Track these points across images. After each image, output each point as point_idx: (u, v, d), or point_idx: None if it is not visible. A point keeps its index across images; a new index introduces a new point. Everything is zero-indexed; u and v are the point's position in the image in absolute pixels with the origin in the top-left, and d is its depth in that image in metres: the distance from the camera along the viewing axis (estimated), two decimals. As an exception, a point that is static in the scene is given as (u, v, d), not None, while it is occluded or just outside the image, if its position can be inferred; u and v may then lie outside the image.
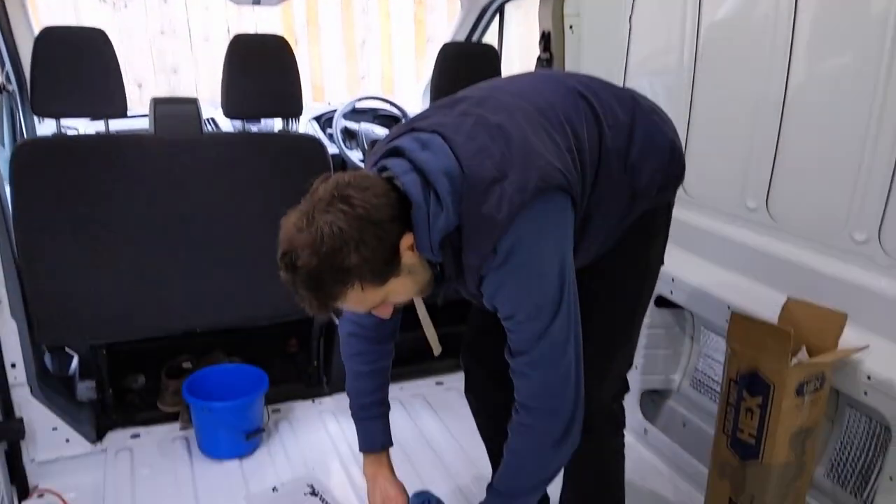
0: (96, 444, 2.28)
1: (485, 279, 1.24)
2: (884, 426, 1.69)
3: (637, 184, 1.37)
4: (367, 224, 1.14)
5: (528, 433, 1.32)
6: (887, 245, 1.64)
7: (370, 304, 1.24)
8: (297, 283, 1.16)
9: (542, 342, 1.24)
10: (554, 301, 1.23)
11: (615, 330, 1.48)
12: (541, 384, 1.28)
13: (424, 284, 1.30)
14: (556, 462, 1.34)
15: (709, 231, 2.11)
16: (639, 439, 2.36)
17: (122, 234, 2.17)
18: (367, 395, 1.60)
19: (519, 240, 1.19)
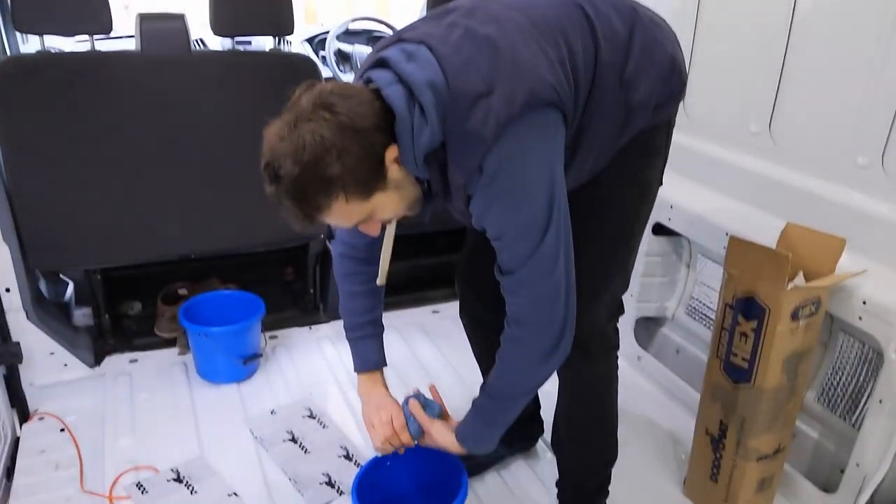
0: (94, 369, 2.30)
1: (472, 199, 1.21)
2: (876, 351, 1.70)
3: (632, 99, 1.32)
4: (351, 132, 1.11)
5: (517, 345, 1.32)
6: (890, 169, 1.62)
7: (356, 218, 1.21)
8: (280, 195, 1.13)
9: (531, 262, 1.23)
10: (543, 220, 1.21)
11: (612, 251, 1.46)
12: (530, 302, 1.27)
13: (412, 201, 1.27)
14: (542, 374, 1.34)
15: (709, 156, 2.08)
16: (632, 366, 2.39)
17: (110, 156, 2.13)
18: (359, 315, 1.59)
19: (506, 158, 1.16)
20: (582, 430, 1.64)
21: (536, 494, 1.84)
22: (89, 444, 1.97)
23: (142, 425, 2.06)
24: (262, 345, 2.39)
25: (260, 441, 1.99)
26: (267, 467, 1.90)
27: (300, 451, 1.96)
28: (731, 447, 1.71)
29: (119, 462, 1.90)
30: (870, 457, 1.60)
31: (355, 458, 1.94)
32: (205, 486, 1.81)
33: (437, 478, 1.53)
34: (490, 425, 1.43)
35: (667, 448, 2.05)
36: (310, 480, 1.85)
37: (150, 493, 1.78)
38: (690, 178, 2.14)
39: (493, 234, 1.24)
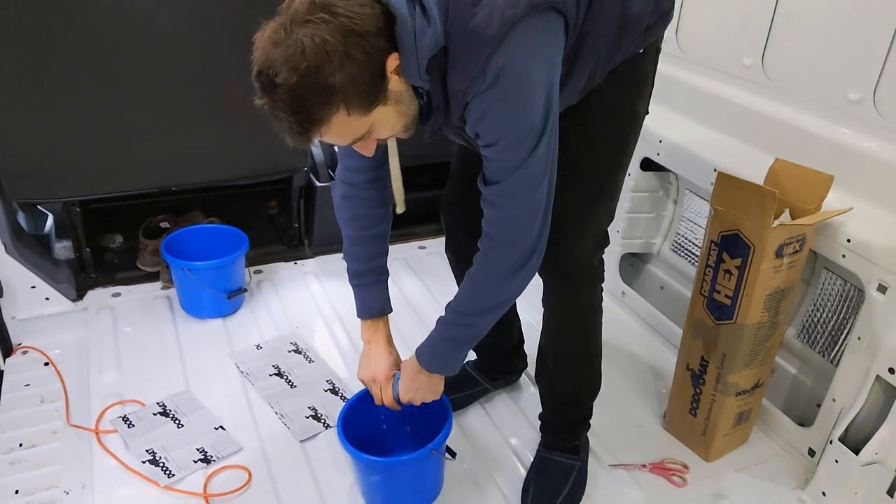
0: (77, 303, 2.28)
1: (470, 104, 1.17)
2: (858, 289, 1.71)
3: (628, 13, 1.27)
4: (353, 36, 1.04)
5: (486, 261, 1.31)
6: (881, 105, 1.60)
7: (354, 133, 1.15)
8: (275, 106, 1.07)
9: (519, 173, 1.20)
10: (538, 130, 1.17)
11: (600, 181, 1.44)
12: (508, 214, 1.25)
13: (411, 119, 1.22)
14: (507, 291, 1.33)
15: (700, 89, 2.05)
16: (616, 301, 2.41)
17: (88, 85, 2.06)
18: (361, 262, 1.56)
19: (510, 60, 1.10)
20: (567, 361, 1.65)
21: (519, 427, 1.87)
22: (74, 378, 1.98)
23: (126, 360, 2.06)
24: (247, 280, 2.38)
25: (246, 375, 2.01)
26: (253, 401, 1.92)
27: (286, 386, 1.97)
28: (711, 382, 1.73)
29: (104, 396, 1.90)
30: (846, 392, 1.63)
31: (341, 391, 1.96)
32: (191, 419, 1.83)
33: (422, 411, 1.55)
34: (451, 343, 1.42)
35: (648, 382, 2.08)
36: (296, 414, 1.86)
37: (136, 427, 1.79)
38: (681, 112, 2.11)
39: (486, 140, 1.20)
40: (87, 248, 2.39)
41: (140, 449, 1.73)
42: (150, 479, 1.65)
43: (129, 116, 2.16)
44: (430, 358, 1.46)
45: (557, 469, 1.67)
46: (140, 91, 2.14)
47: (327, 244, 2.69)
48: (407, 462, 1.52)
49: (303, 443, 1.79)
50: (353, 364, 2.05)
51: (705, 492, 1.72)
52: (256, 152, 2.38)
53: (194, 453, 1.72)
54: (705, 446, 1.80)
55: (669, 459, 1.79)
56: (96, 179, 2.23)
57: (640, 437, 1.88)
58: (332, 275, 2.55)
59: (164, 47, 2.12)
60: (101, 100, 2.11)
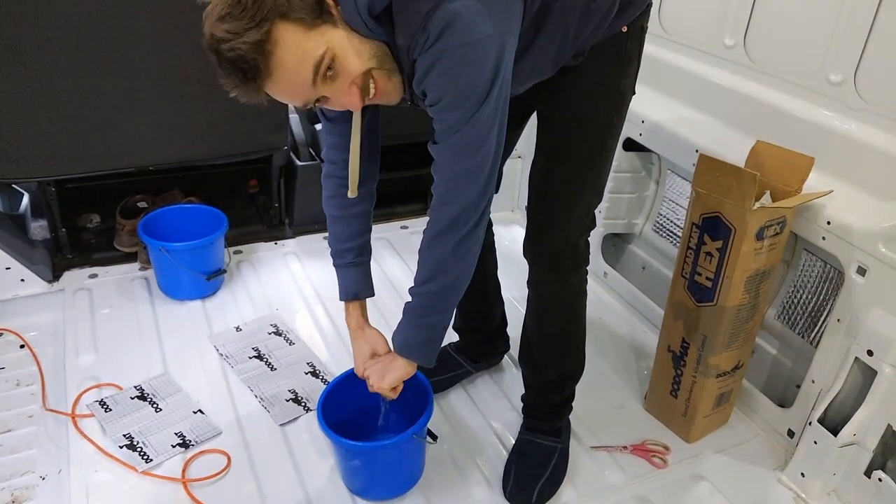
0: (53, 284, 2.25)
1: (416, 62, 1.14)
2: (837, 270, 1.72)
3: None
4: None
5: (428, 227, 1.29)
6: (861, 87, 1.59)
7: (310, 58, 1.09)
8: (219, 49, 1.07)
9: (458, 135, 1.17)
10: (482, 91, 1.13)
11: (587, 163, 1.42)
12: (446, 176, 1.23)
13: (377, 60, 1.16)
14: (450, 259, 1.29)
15: (682, 70, 2.04)
16: (598, 282, 2.40)
17: (60, 63, 2.01)
18: (341, 242, 1.54)
19: (455, 16, 1.06)
20: (552, 343, 1.64)
21: (502, 409, 1.87)
22: (50, 361, 1.95)
23: (103, 342, 2.03)
24: (226, 260, 2.35)
25: (225, 358, 1.99)
26: (233, 384, 1.90)
27: (266, 368, 1.95)
28: (692, 364, 1.74)
29: (81, 379, 1.88)
30: (825, 374, 1.64)
31: (322, 374, 1.94)
32: (169, 403, 1.81)
33: (404, 395, 1.54)
34: (417, 326, 1.39)
35: (629, 363, 2.09)
36: (276, 397, 1.85)
37: (113, 411, 1.77)
38: (663, 92, 2.10)
39: (430, 99, 1.17)
40: (62, 229, 2.34)
41: (117, 433, 1.71)
42: (127, 464, 1.63)
43: (104, 95, 2.11)
44: (402, 344, 1.43)
45: (539, 451, 1.67)
46: (116, 69, 2.09)
47: (308, 224, 2.66)
48: (388, 446, 1.51)
49: (283, 426, 1.77)
50: (335, 346, 2.07)
51: (686, 473, 1.73)
52: (235, 131, 2.34)
53: (172, 438, 1.70)
54: (686, 427, 1.81)
55: (650, 441, 1.80)
56: (72, 159, 2.18)
57: (621, 419, 1.88)
58: (313, 255, 2.53)
59: (139, 25, 2.07)
60: (76, 78, 2.06)
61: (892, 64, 1.53)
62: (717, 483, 1.70)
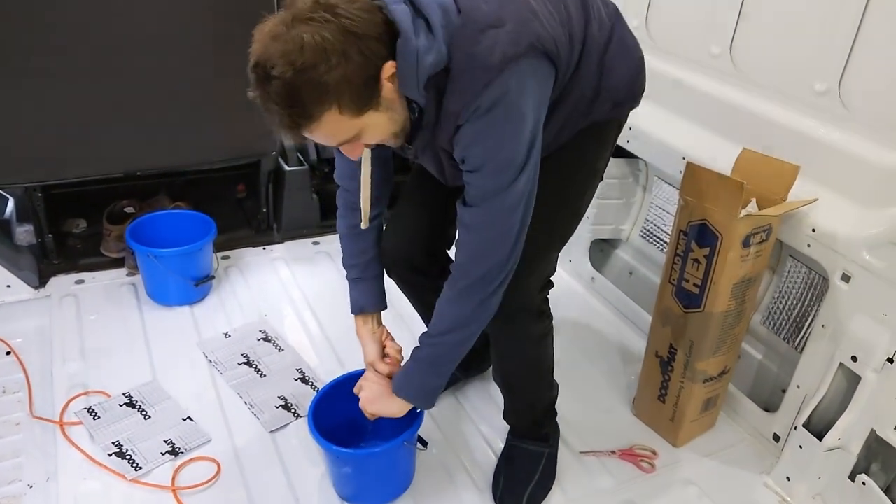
0: (39, 290, 2.24)
1: (462, 128, 1.20)
2: (822, 277, 1.74)
3: (604, 83, 1.38)
4: (353, 37, 1.06)
5: (454, 282, 1.33)
6: (845, 97, 1.61)
7: (343, 135, 1.16)
8: (268, 99, 1.08)
9: (496, 199, 1.24)
10: (521, 162, 1.22)
11: (554, 225, 1.47)
12: (480, 237, 1.29)
13: (400, 128, 1.24)
14: (473, 313, 1.34)
15: (670, 77, 2.05)
16: (586, 287, 2.42)
17: (48, 67, 2.01)
18: (349, 258, 1.59)
19: (506, 92, 1.16)
20: (515, 381, 1.65)
21: (491, 415, 1.88)
22: (37, 367, 1.94)
23: (91, 349, 2.02)
24: (215, 266, 2.35)
25: (214, 364, 1.98)
26: (222, 391, 1.90)
27: (255, 375, 1.95)
28: (679, 369, 1.75)
29: (69, 386, 1.87)
30: (810, 379, 1.66)
31: (311, 380, 1.94)
32: (158, 410, 1.80)
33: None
34: (425, 373, 1.43)
35: (617, 368, 2.10)
36: (265, 404, 1.85)
37: (102, 419, 1.76)
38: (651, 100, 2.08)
39: (471, 165, 1.24)
40: (49, 234, 2.33)
41: (106, 441, 1.70)
42: (116, 472, 1.63)
43: (92, 100, 2.10)
44: (406, 388, 1.45)
45: (526, 457, 1.68)
46: (104, 75, 2.09)
47: (296, 229, 2.66)
48: (379, 454, 1.52)
49: (273, 433, 1.77)
50: (324, 352, 2.07)
51: (673, 477, 1.74)
52: (224, 136, 2.34)
53: (162, 445, 1.70)
54: (673, 432, 1.82)
55: (638, 445, 1.82)
56: (59, 164, 2.17)
57: (609, 423, 1.90)
58: (302, 260, 2.53)
59: (128, 30, 2.07)
60: (63, 83, 2.05)
61: (875, 74, 1.55)
62: (704, 487, 1.72)
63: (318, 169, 2.68)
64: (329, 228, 2.70)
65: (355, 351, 1.61)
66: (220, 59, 2.16)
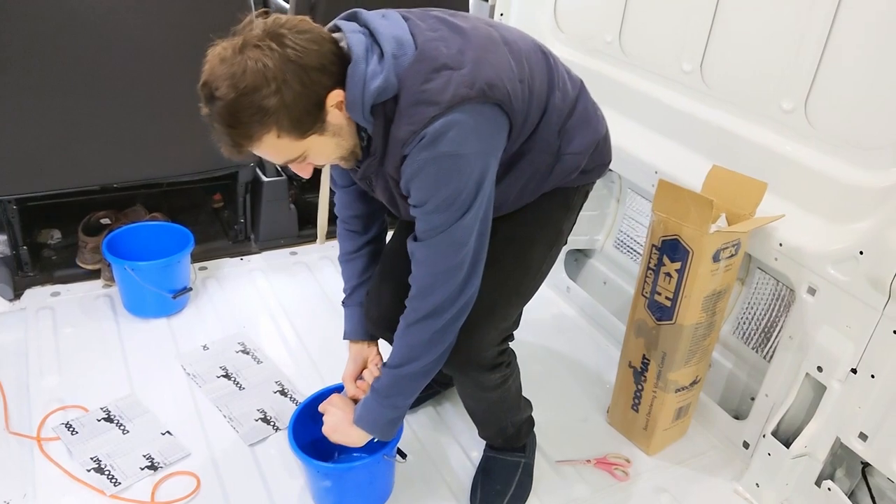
0: (14, 303, 2.22)
1: (407, 158, 1.23)
2: (789, 289, 1.79)
3: (564, 150, 1.41)
4: (295, 67, 1.12)
5: (406, 315, 1.36)
6: (811, 116, 1.66)
7: (286, 155, 1.22)
8: (213, 117, 1.14)
9: (442, 236, 1.26)
10: (466, 201, 1.24)
11: (517, 281, 1.49)
12: (428, 271, 1.32)
13: (347, 152, 1.28)
14: (426, 348, 1.36)
15: (642, 92, 2.10)
16: (561, 296, 2.46)
17: (22, 80, 2.00)
18: (346, 281, 1.64)
19: (453, 126, 1.18)
20: (477, 417, 1.69)
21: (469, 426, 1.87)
22: (13, 382, 1.92)
23: (68, 362, 2.01)
24: (192, 278, 2.35)
25: (192, 377, 1.99)
26: (200, 404, 1.90)
27: (234, 388, 1.96)
28: (652, 380, 1.79)
29: (46, 401, 1.86)
30: (778, 388, 1.71)
31: (290, 393, 1.96)
32: (137, 424, 1.81)
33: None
34: (382, 405, 1.44)
35: (592, 377, 2.14)
36: (245, 417, 1.86)
37: (80, 434, 1.76)
38: (624, 114, 2.15)
39: (415, 199, 1.27)
40: (24, 246, 2.32)
41: (84, 457, 1.70)
42: (95, 487, 1.63)
43: (68, 113, 2.10)
44: (366, 419, 1.47)
45: (503, 468, 1.71)
46: (80, 87, 2.08)
47: (274, 239, 2.67)
48: (358, 468, 1.54)
49: (252, 446, 1.78)
50: (302, 364, 2.08)
51: (647, 485, 1.78)
52: (201, 148, 2.33)
53: (141, 460, 1.70)
54: (647, 440, 1.87)
55: (613, 454, 1.86)
56: (34, 177, 2.16)
57: (585, 432, 1.93)
58: (279, 271, 2.54)
59: (105, 42, 2.06)
60: (39, 96, 2.04)
61: (839, 93, 1.60)
62: (676, 494, 1.76)
63: (296, 180, 2.69)
64: (306, 238, 2.71)
65: (334, 362, 1.65)
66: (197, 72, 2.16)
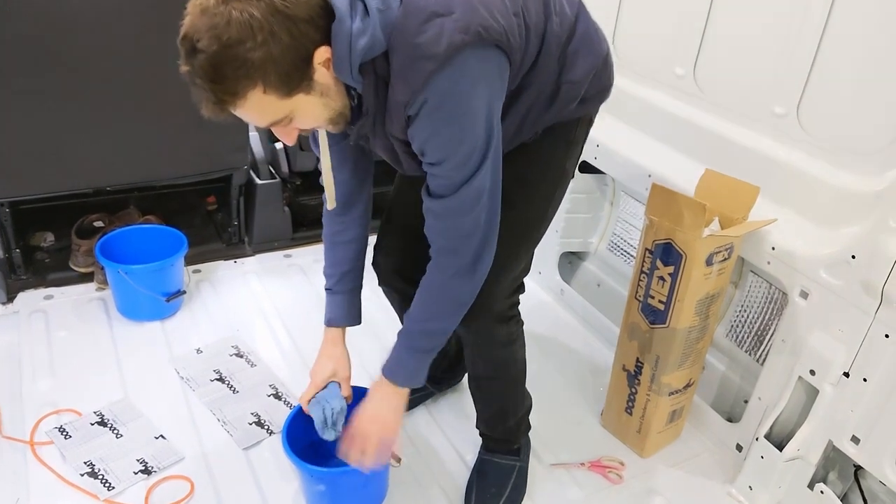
0: (7, 306, 2.22)
1: (415, 122, 1.19)
2: (782, 292, 1.80)
3: (566, 77, 1.35)
4: (282, 18, 1.04)
5: (434, 269, 1.34)
6: (803, 120, 1.67)
7: (271, 116, 1.15)
8: (194, 73, 1.07)
9: (463, 189, 1.24)
10: (481, 150, 1.21)
11: (523, 228, 1.48)
12: (450, 225, 1.29)
13: (336, 114, 1.22)
14: (458, 296, 1.35)
15: (636, 96, 2.10)
16: (555, 299, 2.46)
17: (14, 82, 1.99)
18: (327, 266, 1.58)
19: (456, 79, 1.14)
20: (486, 385, 1.68)
21: (463, 428, 1.91)
22: (6, 386, 1.92)
23: (61, 366, 2.01)
24: (186, 281, 2.35)
25: (186, 381, 1.98)
26: (194, 408, 1.90)
27: (228, 391, 1.96)
28: (646, 383, 1.80)
29: (39, 405, 1.86)
30: (770, 391, 1.72)
31: (284, 396, 1.95)
32: (130, 429, 1.80)
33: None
34: (414, 354, 1.42)
35: (586, 379, 2.15)
36: (238, 421, 1.86)
37: (73, 438, 1.76)
38: (617, 117, 2.16)
39: (433, 159, 1.23)
40: (17, 249, 2.31)
41: (78, 461, 1.69)
42: (89, 492, 1.62)
43: (62, 116, 2.09)
44: (395, 370, 1.45)
45: (498, 470, 1.71)
46: (73, 90, 2.08)
47: (268, 242, 2.67)
48: (352, 472, 1.53)
49: (246, 450, 1.78)
50: (296, 368, 2.08)
51: (640, 488, 1.79)
52: (195, 151, 2.34)
53: (134, 464, 1.70)
54: (640, 443, 1.87)
55: (607, 457, 1.86)
56: (27, 180, 2.16)
57: (579, 435, 1.94)
58: (273, 273, 2.54)
59: (98, 45, 2.05)
60: (33, 99, 2.04)
61: (831, 98, 1.61)
62: (669, 497, 1.76)
63: (290, 182, 2.69)
64: (300, 241, 2.71)
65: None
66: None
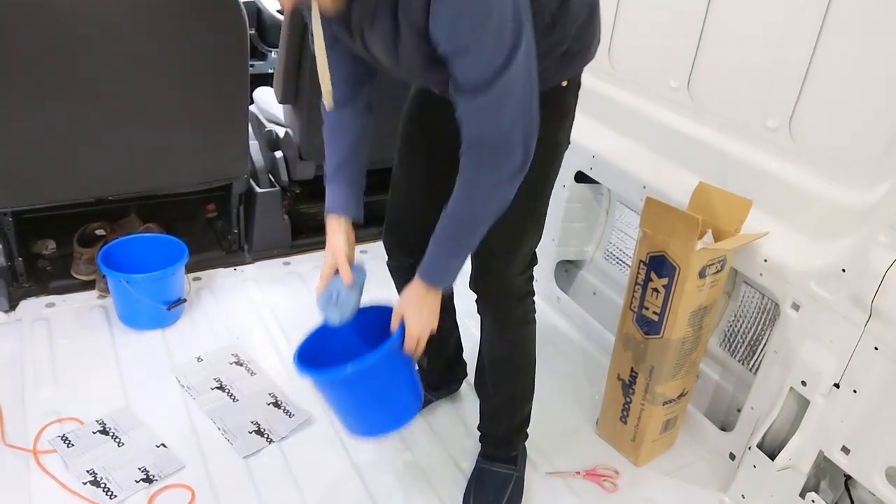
0: (9, 314, 2.24)
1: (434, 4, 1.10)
2: (774, 303, 1.83)
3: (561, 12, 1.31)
4: None
5: (482, 168, 1.26)
6: (796, 133, 1.70)
7: None
8: None
9: (501, 81, 1.15)
10: (515, 37, 1.12)
11: (524, 205, 1.43)
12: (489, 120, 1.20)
13: None
14: (506, 195, 1.29)
15: (631, 108, 2.13)
16: (552, 307, 2.49)
17: (15, 92, 2.02)
18: (326, 159, 1.52)
19: None
20: (501, 368, 1.70)
21: (461, 436, 1.93)
22: (9, 394, 1.94)
23: (63, 374, 2.03)
24: (186, 289, 2.37)
25: (187, 389, 2.01)
26: (195, 416, 1.92)
27: (228, 400, 1.98)
28: (640, 392, 1.83)
29: (42, 414, 1.88)
30: (763, 401, 1.75)
31: (284, 405, 1.98)
32: (132, 437, 1.83)
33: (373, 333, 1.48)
34: (451, 252, 1.38)
35: (582, 388, 2.17)
36: (239, 429, 1.88)
37: (76, 447, 1.78)
38: (613, 129, 2.19)
39: (462, 43, 1.14)
40: (19, 257, 2.33)
41: (80, 469, 1.72)
42: (91, 500, 1.64)
43: (64, 126, 2.11)
44: (433, 270, 1.39)
45: (496, 479, 1.74)
46: (76, 100, 2.09)
47: (267, 249, 2.69)
48: (382, 357, 1.37)
49: (246, 458, 1.80)
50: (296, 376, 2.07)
51: (635, 496, 1.81)
52: (196, 160, 2.36)
53: (136, 473, 1.72)
54: (635, 452, 1.90)
55: (602, 465, 1.89)
56: (30, 190, 2.18)
57: (574, 443, 1.96)
58: (273, 281, 2.56)
59: (99, 55, 2.07)
60: (35, 109, 2.05)
61: (823, 112, 1.64)
62: (664, 505, 1.79)
63: (289, 190, 2.71)
64: (300, 249, 2.74)
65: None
66: (192, 85, 2.19)
